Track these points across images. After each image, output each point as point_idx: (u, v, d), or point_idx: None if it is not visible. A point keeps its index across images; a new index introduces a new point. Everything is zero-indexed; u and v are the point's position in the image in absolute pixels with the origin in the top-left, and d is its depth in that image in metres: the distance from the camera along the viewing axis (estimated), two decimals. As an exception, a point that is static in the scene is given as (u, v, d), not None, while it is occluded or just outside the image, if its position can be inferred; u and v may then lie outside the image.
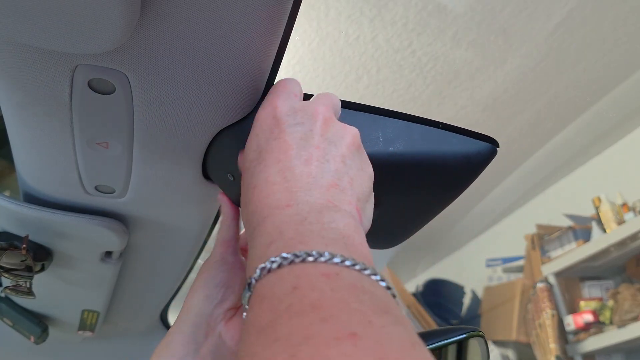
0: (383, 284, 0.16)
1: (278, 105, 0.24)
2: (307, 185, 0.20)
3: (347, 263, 0.15)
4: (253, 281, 0.16)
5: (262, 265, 0.16)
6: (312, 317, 0.13)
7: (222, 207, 0.32)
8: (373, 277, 0.16)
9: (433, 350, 0.25)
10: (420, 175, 0.28)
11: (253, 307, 0.15)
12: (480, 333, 0.24)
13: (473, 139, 0.29)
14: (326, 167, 0.21)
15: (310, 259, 0.15)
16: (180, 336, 0.26)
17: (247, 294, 0.16)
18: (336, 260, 0.15)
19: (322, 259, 0.15)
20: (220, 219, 0.32)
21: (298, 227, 0.17)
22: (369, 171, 0.23)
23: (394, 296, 0.16)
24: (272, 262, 0.16)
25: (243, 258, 0.30)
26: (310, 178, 0.20)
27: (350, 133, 0.23)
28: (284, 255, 0.16)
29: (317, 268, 0.15)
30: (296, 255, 0.16)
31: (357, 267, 0.16)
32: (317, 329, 0.12)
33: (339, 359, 0.11)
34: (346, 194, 0.20)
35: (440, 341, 0.25)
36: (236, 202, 0.33)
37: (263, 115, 0.24)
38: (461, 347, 0.24)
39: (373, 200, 0.23)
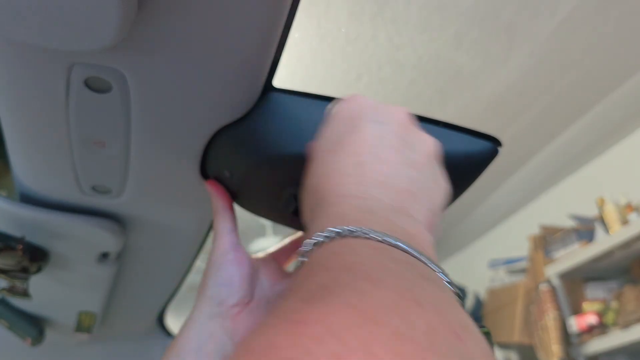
0: (450, 287, 0.15)
1: (361, 100, 0.24)
2: (380, 184, 0.19)
3: (414, 252, 0.15)
4: (304, 251, 0.16)
5: (316, 239, 0.16)
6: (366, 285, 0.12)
7: (213, 198, 0.31)
8: (440, 275, 0.15)
9: None
10: None
11: (300, 275, 0.14)
12: (485, 330, 0.24)
13: (475, 138, 0.28)
14: (401, 171, 0.20)
15: (374, 235, 0.15)
16: (183, 339, 0.26)
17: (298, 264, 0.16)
18: (401, 245, 0.15)
19: (386, 238, 0.15)
20: (215, 209, 0.31)
21: (364, 215, 0.17)
22: (444, 186, 0.22)
23: (461, 301, 0.15)
24: (329, 232, 0.15)
25: (244, 251, 0.30)
26: (383, 177, 0.19)
27: (430, 142, 0.23)
28: (347, 228, 0.15)
29: (377, 244, 0.14)
30: (355, 231, 0.15)
31: (422, 259, 0.15)
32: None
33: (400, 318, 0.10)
34: (419, 203, 0.19)
35: None
36: (235, 200, 0.33)
37: (345, 107, 0.24)
38: None
39: (441, 217, 0.22)
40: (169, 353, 0.26)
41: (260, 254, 0.32)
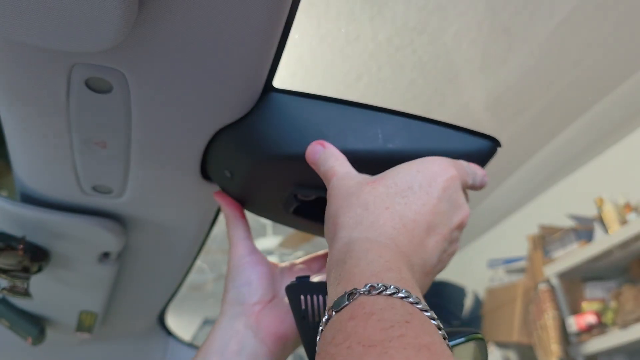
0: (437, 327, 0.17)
1: (452, 170, 0.24)
2: (419, 254, 0.21)
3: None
4: (358, 292, 0.17)
5: (372, 284, 0.17)
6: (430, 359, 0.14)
7: (224, 208, 0.32)
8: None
9: None
10: None
11: (356, 318, 0.16)
12: (479, 336, 0.24)
13: (473, 137, 0.28)
14: (434, 257, 0.22)
15: (419, 306, 0.17)
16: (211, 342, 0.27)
17: (345, 302, 0.17)
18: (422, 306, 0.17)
19: (427, 313, 0.17)
20: (227, 219, 0.32)
21: (410, 277, 0.19)
22: (444, 264, 0.24)
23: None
24: (385, 287, 0.17)
25: (260, 254, 0.31)
26: (423, 249, 0.22)
27: (456, 246, 0.24)
28: (400, 288, 0.17)
29: (423, 315, 0.17)
30: (409, 295, 0.17)
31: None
32: None
33: None
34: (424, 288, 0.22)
35: None
36: (236, 199, 0.33)
37: (436, 162, 0.24)
38: (460, 350, 0.24)
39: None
40: (195, 358, 0.27)
41: (287, 264, 0.33)
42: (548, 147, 1.49)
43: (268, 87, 0.29)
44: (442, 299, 1.75)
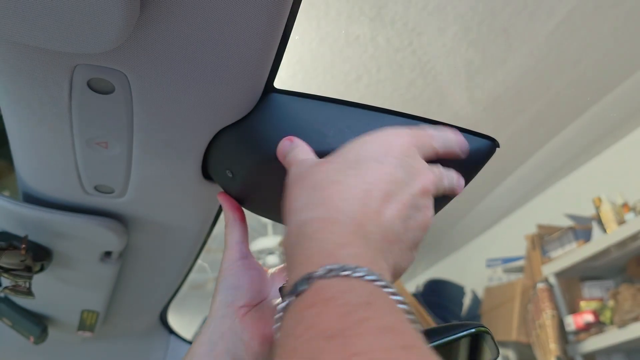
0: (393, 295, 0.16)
1: (402, 137, 0.23)
2: (377, 223, 0.20)
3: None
4: (314, 276, 0.16)
5: (329, 266, 0.16)
6: (394, 341, 0.13)
7: (225, 210, 0.32)
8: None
9: (438, 348, 0.25)
10: None
11: (315, 306, 0.15)
12: (485, 329, 0.24)
13: (472, 137, 0.29)
14: (396, 225, 0.21)
15: (380, 283, 0.16)
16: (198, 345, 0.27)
17: (303, 287, 0.16)
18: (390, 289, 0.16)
19: (390, 289, 0.16)
20: (226, 221, 0.32)
21: (366, 250, 0.18)
22: (413, 255, 0.23)
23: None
24: (343, 268, 0.16)
25: (253, 259, 0.31)
26: (382, 218, 0.21)
27: (427, 215, 0.23)
28: (358, 267, 0.16)
29: (384, 294, 0.16)
30: (369, 273, 0.16)
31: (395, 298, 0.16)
32: (403, 356, 0.13)
33: None
34: (392, 257, 0.21)
35: (445, 337, 0.25)
36: (237, 199, 0.33)
37: (385, 133, 0.24)
38: (470, 344, 0.24)
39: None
40: (185, 358, 0.27)
41: (276, 269, 0.33)
42: (546, 147, 1.50)
43: (269, 88, 0.30)
44: (441, 298, 1.75)
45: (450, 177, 0.25)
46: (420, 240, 0.23)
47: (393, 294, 0.16)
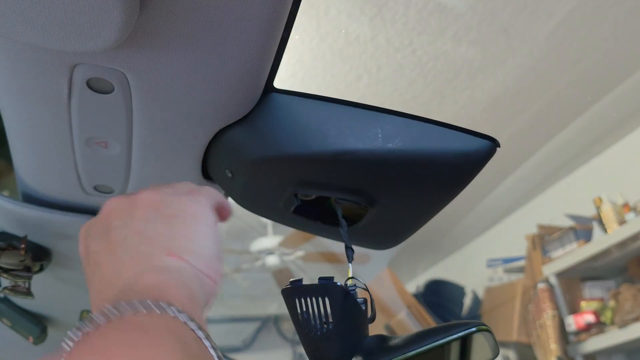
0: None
1: (110, 206, 0.23)
2: (143, 260, 0.21)
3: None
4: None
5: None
6: None
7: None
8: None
9: (440, 347, 0.25)
10: (419, 173, 0.28)
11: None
12: (486, 327, 0.24)
13: (472, 137, 0.29)
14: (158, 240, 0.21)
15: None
16: None
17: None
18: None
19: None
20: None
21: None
22: (220, 256, 0.23)
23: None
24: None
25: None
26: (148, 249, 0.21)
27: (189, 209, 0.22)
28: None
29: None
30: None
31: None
32: None
33: None
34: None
35: (446, 337, 0.24)
36: (236, 198, 0.33)
37: (101, 215, 0.24)
38: (466, 342, 0.24)
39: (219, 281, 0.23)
40: None
41: None
42: (547, 147, 1.50)
43: (269, 88, 0.30)
44: (441, 298, 1.75)
45: None
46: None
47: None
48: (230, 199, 0.36)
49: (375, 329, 0.24)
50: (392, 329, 1.68)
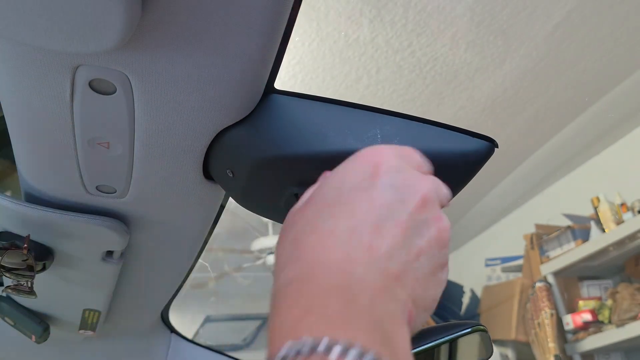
0: None
1: (385, 155, 0.20)
2: (369, 262, 0.17)
3: None
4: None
5: (289, 346, 0.14)
6: None
7: None
8: None
9: (433, 348, 0.25)
10: None
11: None
12: (483, 328, 0.24)
13: (471, 137, 0.29)
14: (397, 254, 0.18)
15: (354, 352, 0.14)
16: None
17: None
18: None
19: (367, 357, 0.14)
20: None
21: (345, 309, 0.15)
22: (441, 280, 0.20)
23: None
24: (302, 345, 0.14)
25: None
26: (375, 255, 0.17)
27: (443, 229, 0.19)
28: (322, 339, 0.14)
29: None
30: (332, 344, 0.14)
31: None
32: None
33: None
34: (404, 291, 0.17)
35: (443, 337, 0.25)
36: (237, 199, 0.34)
37: (365, 155, 0.20)
38: (461, 342, 0.24)
39: (431, 311, 0.20)
40: None
41: None
42: (545, 148, 1.50)
43: (269, 89, 0.30)
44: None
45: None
46: (444, 259, 0.19)
47: None
48: (230, 199, 0.36)
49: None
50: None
